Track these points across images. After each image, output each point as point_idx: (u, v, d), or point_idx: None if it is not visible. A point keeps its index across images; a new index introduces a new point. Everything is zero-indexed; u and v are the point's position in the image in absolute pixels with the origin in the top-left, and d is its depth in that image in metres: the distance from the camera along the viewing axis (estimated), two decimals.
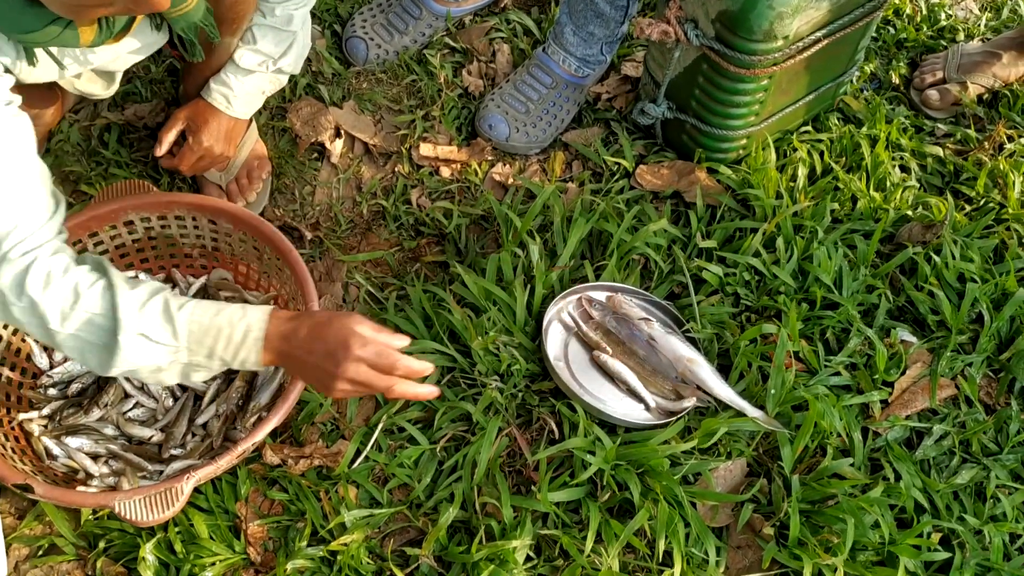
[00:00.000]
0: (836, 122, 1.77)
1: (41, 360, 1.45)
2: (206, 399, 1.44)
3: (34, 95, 1.57)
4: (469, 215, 1.66)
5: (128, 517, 1.19)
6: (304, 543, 1.30)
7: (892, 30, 1.96)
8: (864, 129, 1.75)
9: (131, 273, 1.53)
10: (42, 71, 1.24)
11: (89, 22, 1.12)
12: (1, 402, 1.37)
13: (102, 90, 1.55)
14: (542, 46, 1.80)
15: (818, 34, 1.52)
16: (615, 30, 1.72)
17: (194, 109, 1.54)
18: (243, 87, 1.51)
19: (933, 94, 1.83)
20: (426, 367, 1.11)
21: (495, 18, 1.91)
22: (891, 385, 1.47)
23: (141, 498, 1.20)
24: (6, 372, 1.40)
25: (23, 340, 1.43)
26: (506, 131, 1.74)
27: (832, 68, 1.67)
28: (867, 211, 1.63)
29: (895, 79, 1.89)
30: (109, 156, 1.68)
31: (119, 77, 1.56)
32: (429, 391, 1.12)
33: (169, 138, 1.52)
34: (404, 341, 1.12)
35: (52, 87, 1.56)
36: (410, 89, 1.81)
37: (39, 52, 1.18)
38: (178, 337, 1.09)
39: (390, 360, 1.09)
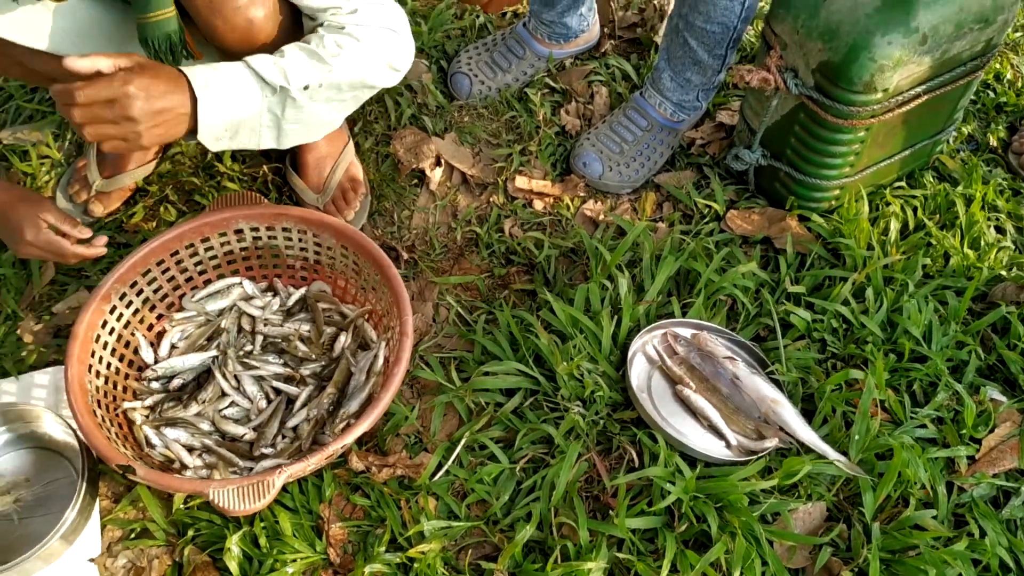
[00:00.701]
0: (931, 180, 1.77)
1: (147, 354, 1.52)
2: (298, 403, 1.49)
3: None
4: (559, 247, 1.70)
5: (221, 505, 1.23)
6: (383, 548, 1.33)
7: (992, 94, 1.96)
8: (959, 188, 1.75)
9: (236, 279, 1.61)
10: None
11: None
12: (108, 390, 1.45)
13: None
14: (639, 90, 1.85)
15: (918, 89, 1.54)
16: (712, 78, 1.76)
17: (157, 65, 1.22)
18: (231, 83, 1.25)
19: None
20: (97, 252, 1.42)
21: (595, 62, 1.97)
22: (978, 442, 1.45)
23: (234, 488, 1.25)
24: (115, 362, 1.48)
25: (132, 334, 1.51)
26: (600, 169, 1.79)
27: (930, 125, 1.68)
28: (960, 268, 1.62)
29: (993, 142, 1.88)
30: (223, 170, 1.77)
31: None
32: (95, 252, 1.42)
33: (99, 61, 1.16)
34: (84, 233, 1.40)
35: None
36: (509, 124, 1.88)
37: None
38: None
39: (59, 251, 1.38)
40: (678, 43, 1.72)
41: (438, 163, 1.81)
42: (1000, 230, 1.73)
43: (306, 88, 1.30)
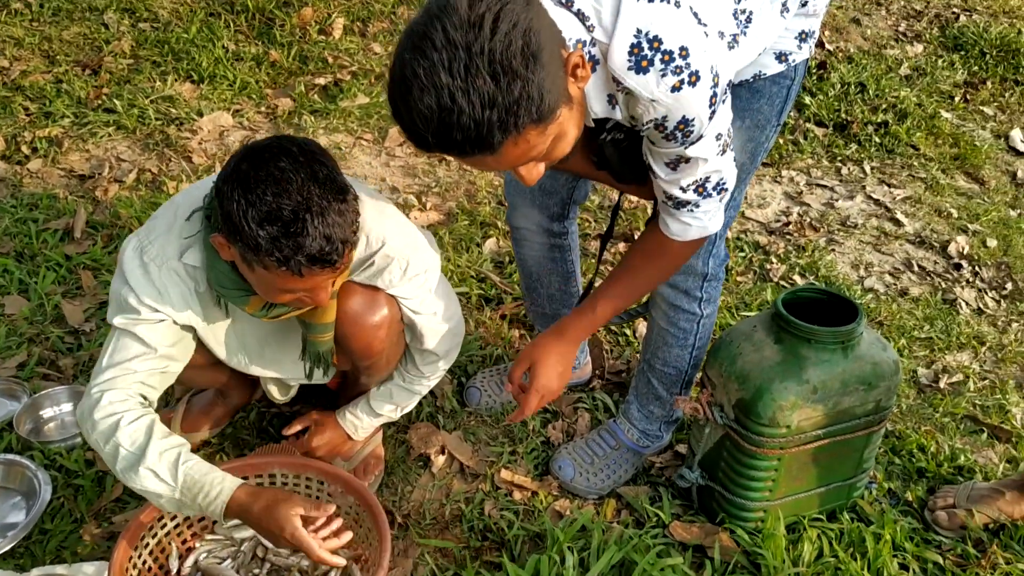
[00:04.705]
0: (847, 519, 2.09)
1: (174, 563, 1.87)
2: None
3: (233, 381, 2.19)
4: (527, 531, 2.04)
5: None
6: None
7: (913, 460, 2.32)
8: (872, 527, 2.06)
9: None
10: (217, 338, 1.87)
11: (260, 302, 1.73)
12: None
13: (279, 396, 2.15)
14: (614, 418, 2.29)
15: (818, 432, 1.93)
16: (670, 412, 2.20)
17: (325, 419, 2.13)
18: (371, 422, 2.13)
19: (942, 515, 2.13)
20: (340, 543, 1.68)
21: (583, 393, 2.44)
22: None
23: None
24: (150, 562, 1.83)
25: (170, 543, 1.88)
26: (571, 474, 2.17)
27: (841, 468, 2.04)
28: None
29: (911, 498, 2.21)
30: (272, 434, 2.23)
31: (293, 391, 2.16)
32: (339, 543, 1.69)
33: (295, 427, 2.16)
34: (329, 510, 1.69)
35: (247, 382, 2.18)
36: (506, 430, 2.31)
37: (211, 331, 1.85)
38: (176, 482, 1.64)
39: (305, 551, 1.63)
40: (643, 381, 2.19)
41: (442, 452, 2.23)
42: (904, 567, 2.00)
43: (404, 408, 2.13)
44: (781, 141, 3.77)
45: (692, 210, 1.66)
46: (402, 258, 1.83)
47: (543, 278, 2.21)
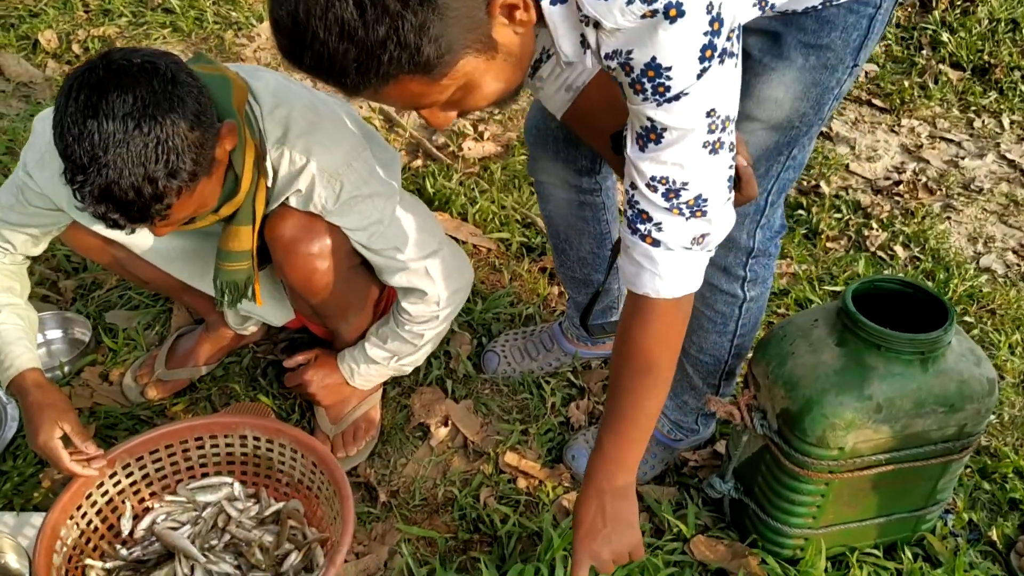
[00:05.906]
0: (909, 556, 1.73)
1: (126, 524, 1.70)
2: None
3: (201, 302, 1.98)
4: (525, 528, 1.78)
5: None
6: None
7: (1006, 488, 1.92)
8: (939, 571, 1.70)
9: (229, 479, 1.79)
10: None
11: None
12: (80, 543, 1.62)
13: (233, 322, 1.98)
14: None
15: (880, 457, 1.57)
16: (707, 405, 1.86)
17: (326, 356, 1.92)
18: (367, 370, 1.90)
19: None
20: (89, 473, 1.57)
21: None
22: None
23: None
24: (97, 522, 1.66)
25: (123, 502, 1.70)
26: (586, 465, 1.88)
27: (907, 498, 1.68)
28: None
29: (996, 536, 1.83)
30: (263, 385, 2.02)
31: (251, 324, 2.01)
32: (87, 472, 1.58)
33: (297, 359, 1.95)
34: (88, 450, 1.57)
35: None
36: (520, 404, 2.03)
37: None
38: None
39: (56, 461, 1.56)
40: (678, 366, 1.85)
41: (445, 424, 1.97)
42: None
43: (402, 358, 1.87)
44: (907, 83, 3.25)
45: (652, 232, 1.26)
46: (333, 178, 1.57)
47: (572, 239, 1.89)
